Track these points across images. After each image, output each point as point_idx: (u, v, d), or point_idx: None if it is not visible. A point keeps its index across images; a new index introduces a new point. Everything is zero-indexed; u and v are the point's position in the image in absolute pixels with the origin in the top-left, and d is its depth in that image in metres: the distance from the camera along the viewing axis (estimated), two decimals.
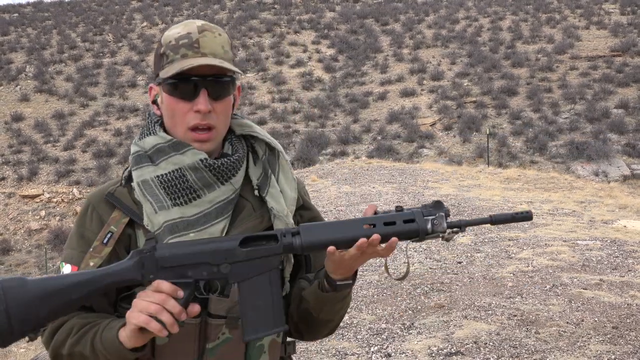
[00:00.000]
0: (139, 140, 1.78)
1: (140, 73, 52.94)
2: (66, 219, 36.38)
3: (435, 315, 7.11)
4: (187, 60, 1.66)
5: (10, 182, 39.86)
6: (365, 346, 6.39)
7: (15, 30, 63.06)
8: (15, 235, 35.80)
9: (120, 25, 63.74)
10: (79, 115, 47.47)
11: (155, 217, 1.69)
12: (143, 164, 1.74)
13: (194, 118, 1.68)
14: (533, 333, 6.39)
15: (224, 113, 1.73)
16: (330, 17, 62.94)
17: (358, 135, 41.33)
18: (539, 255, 9.68)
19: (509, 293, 7.78)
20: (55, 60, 55.87)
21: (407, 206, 1.85)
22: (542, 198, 17.04)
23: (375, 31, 58.53)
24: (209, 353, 1.69)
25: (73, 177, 39.87)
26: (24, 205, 38.00)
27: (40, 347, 7.42)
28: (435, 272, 8.98)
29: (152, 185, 1.71)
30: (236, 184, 1.75)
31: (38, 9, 71.32)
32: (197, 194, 1.70)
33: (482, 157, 35.16)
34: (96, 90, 50.72)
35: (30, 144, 43.63)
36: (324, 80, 50.57)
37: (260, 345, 1.74)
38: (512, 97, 43.59)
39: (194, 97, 1.67)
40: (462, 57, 51.02)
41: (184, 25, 1.74)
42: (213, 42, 1.70)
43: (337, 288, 1.71)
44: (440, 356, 5.95)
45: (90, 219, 1.76)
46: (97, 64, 54.84)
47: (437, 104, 44.02)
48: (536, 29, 54.17)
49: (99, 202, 1.78)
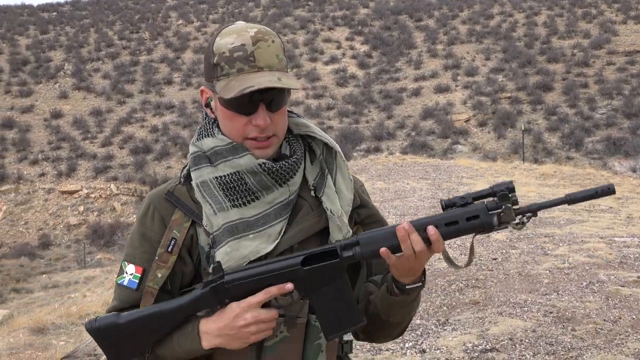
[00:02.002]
0: (197, 140, 1.77)
1: (176, 70, 53.41)
2: (104, 215, 36.93)
3: (470, 312, 7.12)
4: (244, 77, 1.64)
5: (50, 177, 40.55)
6: (400, 342, 6.42)
7: (54, 29, 64.02)
8: (54, 230, 36.43)
9: (156, 23, 64.35)
10: (116, 112, 48.08)
11: (215, 218, 1.70)
12: (202, 164, 1.73)
13: (253, 131, 1.68)
14: (569, 330, 6.36)
15: (282, 120, 1.73)
16: (364, 14, 62.82)
17: (392, 132, 41.26)
18: (576, 252, 9.62)
19: (544, 290, 7.75)
20: (93, 58, 56.64)
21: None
22: None
23: (409, 27, 58.28)
24: (268, 351, 1.70)
25: (110, 173, 40.42)
26: (63, 201, 38.64)
27: (80, 341, 7.57)
28: (470, 268, 8.97)
29: (210, 186, 1.71)
30: (294, 185, 1.74)
31: (76, 7, 72.28)
32: (255, 195, 1.70)
33: (517, 153, 34.86)
34: (133, 88, 51.29)
35: (69, 140, 44.30)
36: (357, 77, 50.53)
37: (318, 344, 1.73)
38: (548, 92, 43.14)
39: (253, 112, 1.67)
40: (497, 53, 50.59)
41: (237, 33, 1.70)
42: (267, 53, 1.67)
43: (406, 292, 1.69)
44: (476, 352, 5.96)
45: (151, 218, 1.78)
46: (133, 61, 55.45)
47: (471, 99, 43.73)
48: (572, 24, 53.49)
49: (159, 201, 1.78)
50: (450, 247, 10.41)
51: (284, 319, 1.69)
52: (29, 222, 37.33)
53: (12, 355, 7.57)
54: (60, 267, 30.74)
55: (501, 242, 10.59)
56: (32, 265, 30.27)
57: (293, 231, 1.73)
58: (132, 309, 1.72)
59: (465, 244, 10.46)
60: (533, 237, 10.79)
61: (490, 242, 10.66)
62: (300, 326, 1.72)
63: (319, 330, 1.72)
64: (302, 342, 1.73)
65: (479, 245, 10.47)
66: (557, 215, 12.86)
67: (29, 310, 13.82)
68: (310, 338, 1.73)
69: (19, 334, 9.08)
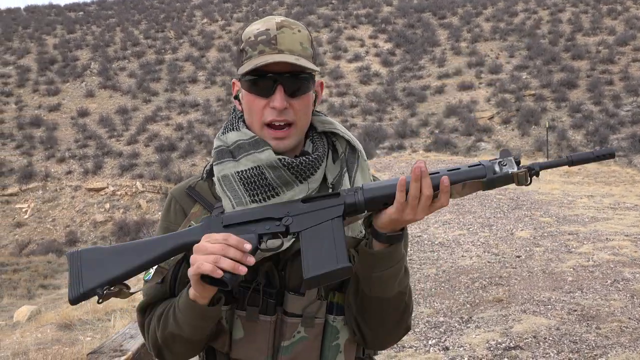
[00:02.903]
0: (222, 135, 1.78)
1: (201, 69, 53.69)
2: (129, 212, 37.25)
3: (494, 309, 7.14)
4: (263, 57, 1.65)
5: (77, 175, 40.97)
6: (423, 339, 6.46)
7: (80, 28, 64.58)
8: (81, 227, 36.82)
9: (181, 22, 64.69)
10: (141, 110, 48.43)
11: None
12: (224, 159, 1.74)
13: (270, 114, 1.68)
14: (594, 328, 6.36)
15: (303, 110, 1.71)
16: (387, 12, 62.67)
17: (415, 129, 41.16)
18: (600, 249, 9.58)
19: (569, 288, 7.75)
20: (119, 57, 57.07)
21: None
22: (603, 192, 16.77)
23: (432, 25, 58.06)
24: (284, 351, 1.69)
25: (136, 170, 40.74)
26: (89, 198, 39.03)
27: (106, 336, 7.66)
28: (494, 266, 8.99)
29: (232, 180, 1.70)
30: (314, 182, 1.72)
31: (102, 7, 72.85)
32: (275, 191, 1.68)
33: (541, 150, 34.63)
34: (158, 86, 51.63)
35: (95, 138, 44.71)
36: (381, 75, 50.46)
37: (337, 345, 1.71)
38: (572, 89, 42.77)
39: (271, 94, 1.67)
40: (521, 50, 50.23)
41: (264, 21, 1.72)
42: (291, 38, 1.68)
43: (384, 240, 1.60)
44: (499, 350, 5.98)
45: (174, 212, 1.80)
46: (159, 60, 55.80)
47: (495, 97, 43.49)
48: (597, 20, 52.92)
49: (181, 195, 1.81)
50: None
51: (301, 319, 1.68)
52: (56, 219, 37.77)
53: (40, 351, 7.69)
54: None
55: (525, 239, 10.58)
56: (59, 262, 30.58)
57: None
58: (160, 303, 1.74)
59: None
60: (557, 234, 10.76)
61: (514, 239, 10.66)
62: (318, 326, 1.70)
63: (337, 330, 1.72)
64: (319, 343, 1.71)
65: (502, 242, 10.46)
66: (581, 213, 12.80)
67: (56, 306, 13.99)
68: (329, 338, 1.72)
69: (46, 330, 9.22)
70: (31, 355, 7.32)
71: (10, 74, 54.17)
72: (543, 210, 13.30)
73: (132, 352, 4.47)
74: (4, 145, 44.71)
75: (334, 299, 1.72)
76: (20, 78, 53.18)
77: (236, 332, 1.70)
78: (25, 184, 40.30)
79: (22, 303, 19.10)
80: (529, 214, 12.88)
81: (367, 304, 1.68)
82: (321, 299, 1.70)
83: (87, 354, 4.05)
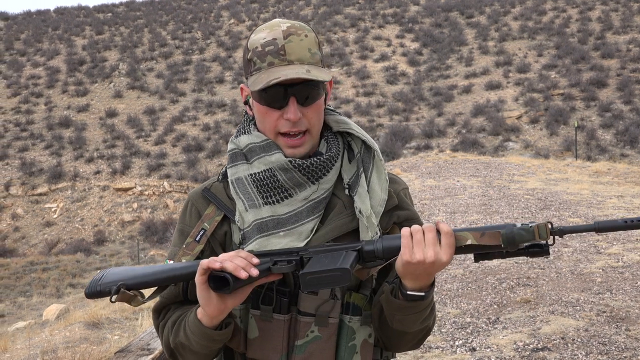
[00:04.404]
0: (235, 138, 1.80)
1: (228, 69, 53.95)
2: (157, 211, 37.56)
3: (521, 310, 7.07)
4: (274, 70, 1.64)
5: (105, 175, 41.42)
6: (450, 340, 6.42)
7: (109, 30, 65.30)
8: (109, 226, 37.20)
9: (208, 22, 65.10)
10: (169, 110, 48.82)
11: (246, 214, 1.72)
12: (238, 161, 1.77)
13: (285, 125, 1.68)
14: (623, 330, 6.27)
15: (316, 116, 1.71)
16: (414, 11, 62.50)
17: (442, 129, 40.99)
18: (630, 250, 9.46)
19: (597, 289, 7.65)
20: (147, 58, 57.60)
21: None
22: (633, 192, 16.54)
23: (460, 24, 57.78)
24: (298, 350, 1.69)
25: (163, 170, 41.08)
26: (117, 198, 39.42)
27: (134, 335, 7.73)
28: (522, 266, 8.91)
29: (245, 183, 1.73)
30: (327, 183, 1.73)
31: (130, 8, 73.57)
32: (288, 192, 1.70)
33: (569, 150, 34.29)
34: (185, 87, 52.00)
35: (123, 138, 45.16)
36: (408, 74, 50.32)
37: (353, 345, 1.71)
38: (602, 89, 42.31)
39: (284, 105, 1.67)
40: (550, 49, 49.81)
41: (270, 28, 1.70)
42: (299, 46, 1.67)
43: (407, 298, 1.61)
44: (527, 351, 5.92)
45: (189, 215, 1.81)
46: (186, 60, 56.22)
47: (523, 96, 43.16)
48: (627, 18, 52.30)
49: (197, 197, 1.83)
50: None
51: (315, 318, 1.68)
52: (84, 218, 38.20)
53: (68, 349, 7.76)
54: (115, 263, 31.34)
55: None
56: (87, 261, 30.95)
57: (325, 230, 1.71)
58: (176, 305, 1.76)
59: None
60: (585, 235, 10.64)
61: None
62: (332, 326, 1.69)
63: (353, 330, 1.71)
64: (334, 343, 1.70)
65: None
66: (610, 213, 12.65)
67: (84, 305, 14.14)
68: (344, 338, 1.71)
69: (74, 328, 9.31)
70: (59, 353, 7.39)
71: (40, 75, 54.92)
72: (572, 210, 13.16)
73: (158, 351, 4.50)
74: (34, 146, 45.32)
75: (350, 299, 1.72)
76: (50, 79, 53.90)
77: (251, 332, 1.71)
78: (54, 183, 40.83)
79: (51, 302, 19.34)
80: (558, 214, 12.75)
81: (388, 330, 1.72)
82: (334, 299, 1.69)
83: (115, 352, 4.08)
